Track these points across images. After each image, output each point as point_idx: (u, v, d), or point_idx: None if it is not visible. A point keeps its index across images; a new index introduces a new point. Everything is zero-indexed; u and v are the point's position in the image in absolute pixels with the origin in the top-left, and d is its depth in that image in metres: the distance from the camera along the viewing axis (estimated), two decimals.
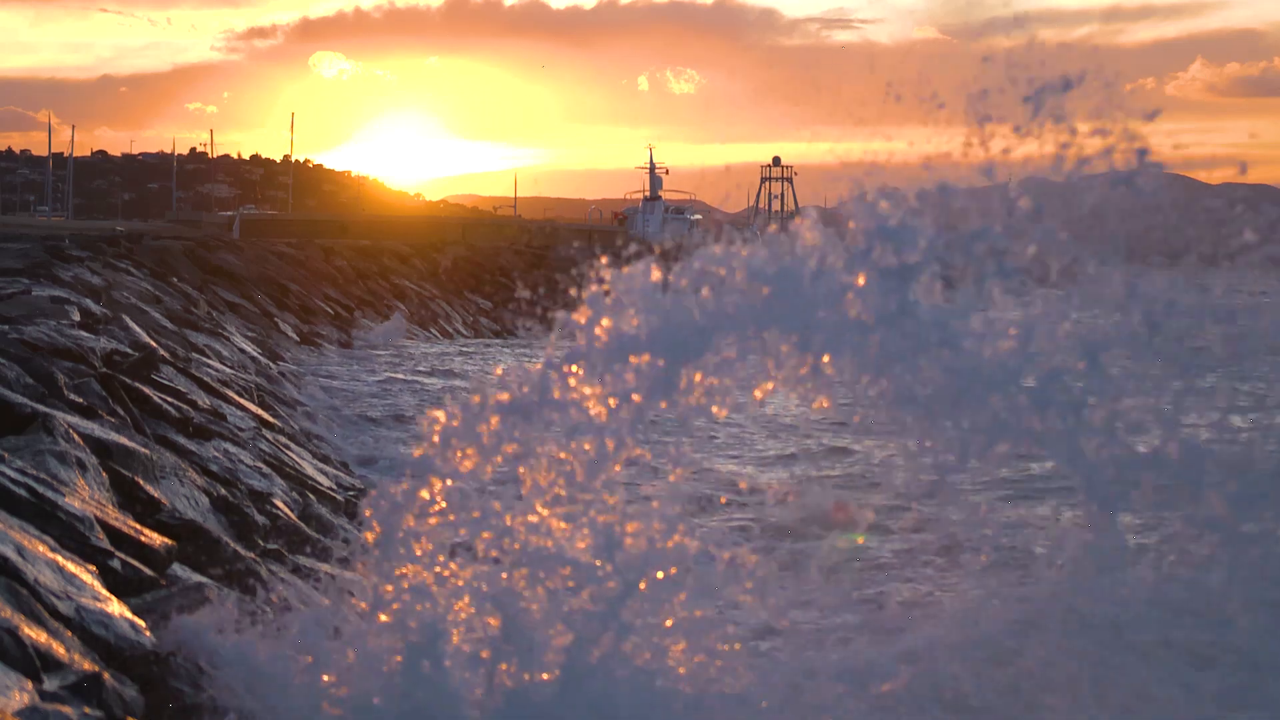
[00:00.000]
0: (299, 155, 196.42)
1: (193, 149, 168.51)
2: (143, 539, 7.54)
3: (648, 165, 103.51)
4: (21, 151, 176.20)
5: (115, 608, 6.23)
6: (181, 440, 11.14)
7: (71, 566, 6.38)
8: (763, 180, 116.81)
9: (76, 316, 15.77)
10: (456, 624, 6.10)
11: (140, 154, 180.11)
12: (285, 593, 7.47)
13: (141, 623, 6.24)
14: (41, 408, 9.03)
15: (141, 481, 8.69)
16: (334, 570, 8.17)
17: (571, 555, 6.07)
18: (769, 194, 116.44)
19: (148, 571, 7.02)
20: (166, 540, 7.70)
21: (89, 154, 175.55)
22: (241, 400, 15.76)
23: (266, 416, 15.78)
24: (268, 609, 6.66)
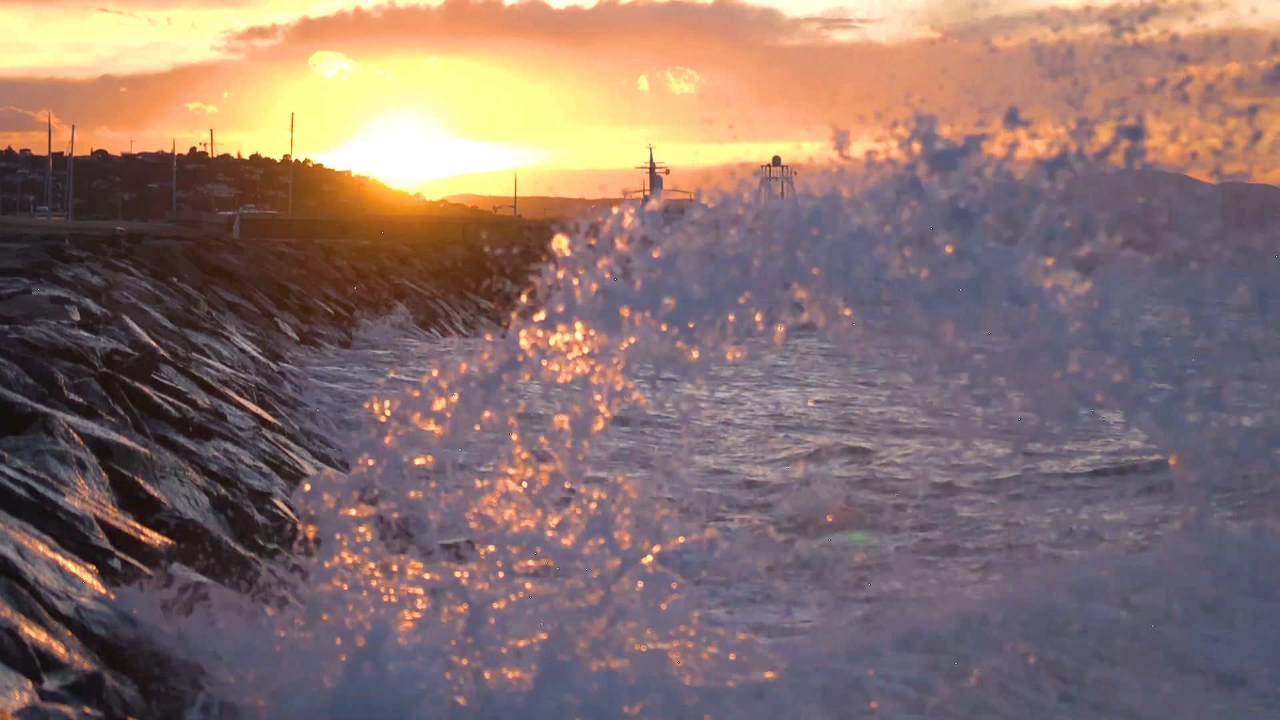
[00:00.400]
0: (299, 155, 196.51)
1: (193, 149, 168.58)
2: (143, 539, 7.54)
3: (648, 165, 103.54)
4: (21, 151, 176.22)
5: (115, 607, 6.22)
6: (181, 440, 11.13)
7: (71, 566, 6.38)
8: (763, 180, 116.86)
9: (76, 316, 15.77)
10: (396, 623, 6.01)
11: (140, 154, 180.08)
12: (285, 592, 7.46)
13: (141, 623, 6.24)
14: (41, 408, 9.02)
15: (141, 481, 8.69)
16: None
17: (573, 550, 6.02)
18: (769, 194, 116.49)
19: (148, 571, 7.01)
20: (166, 540, 7.70)
21: (89, 154, 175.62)
22: (241, 400, 15.75)
23: (266, 416, 15.77)
24: (268, 608, 6.65)
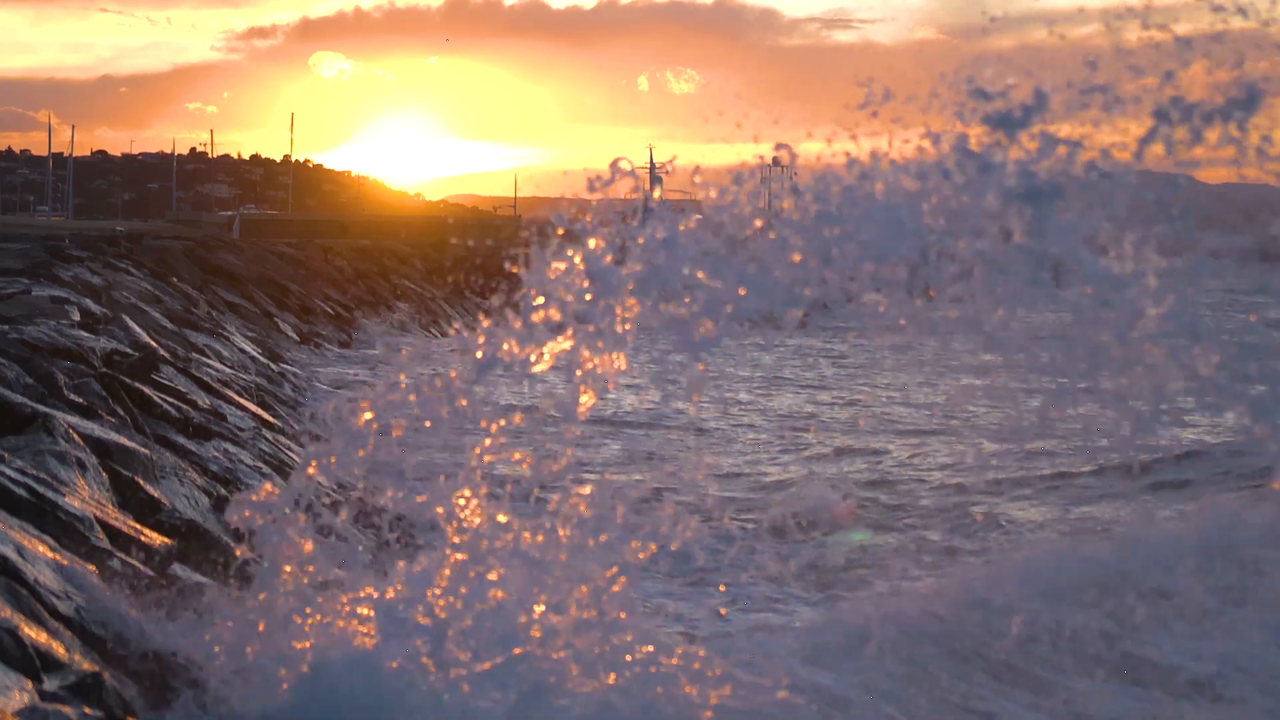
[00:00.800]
0: (299, 155, 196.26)
1: (193, 149, 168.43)
2: (143, 539, 7.54)
3: (648, 165, 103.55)
4: (21, 151, 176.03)
5: (115, 607, 6.22)
6: (181, 440, 11.13)
7: (71, 566, 6.38)
8: (763, 180, 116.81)
9: (76, 316, 15.78)
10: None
11: (140, 154, 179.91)
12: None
13: (142, 622, 6.24)
14: (41, 408, 9.03)
15: (141, 481, 8.69)
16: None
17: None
18: (769, 194, 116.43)
19: (147, 571, 7.02)
20: (166, 540, 7.70)
21: (89, 154, 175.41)
22: (241, 400, 15.76)
23: (266, 416, 15.78)
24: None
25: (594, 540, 5.84)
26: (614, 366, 5.78)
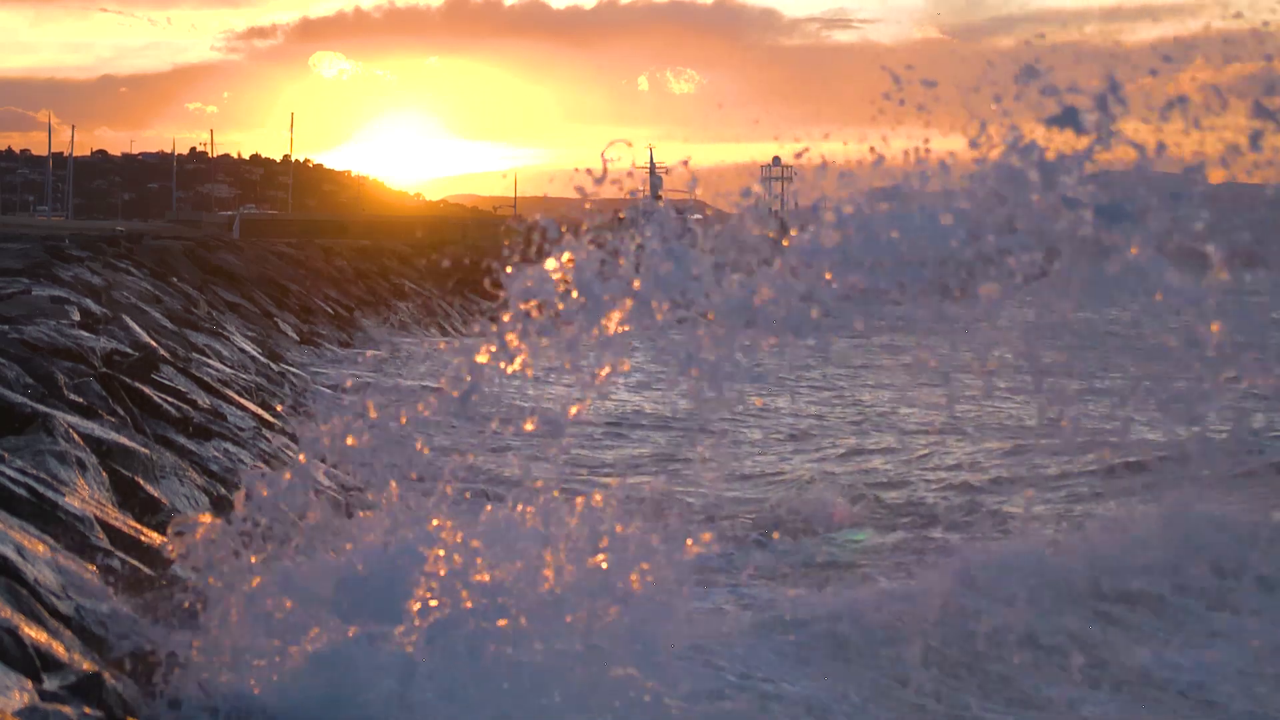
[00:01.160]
0: (299, 155, 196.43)
1: (193, 149, 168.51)
2: (143, 539, 7.54)
3: (648, 165, 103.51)
4: (21, 151, 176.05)
5: (115, 607, 6.22)
6: (181, 440, 11.13)
7: (71, 566, 6.38)
8: (763, 180, 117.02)
9: (76, 316, 15.77)
10: None
11: (140, 154, 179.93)
12: None
13: (142, 622, 6.24)
14: (41, 408, 9.03)
15: (141, 481, 8.69)
16: None
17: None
18: (770, 194, 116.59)
19: (147, 571, 7.02)
20: (166, 540, 7.69)
21: (89, 154, 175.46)
22: (241, 400, 15.75)
23: (266, 416, 15.77)
24: None
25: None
26: (604, 372, 5.78)
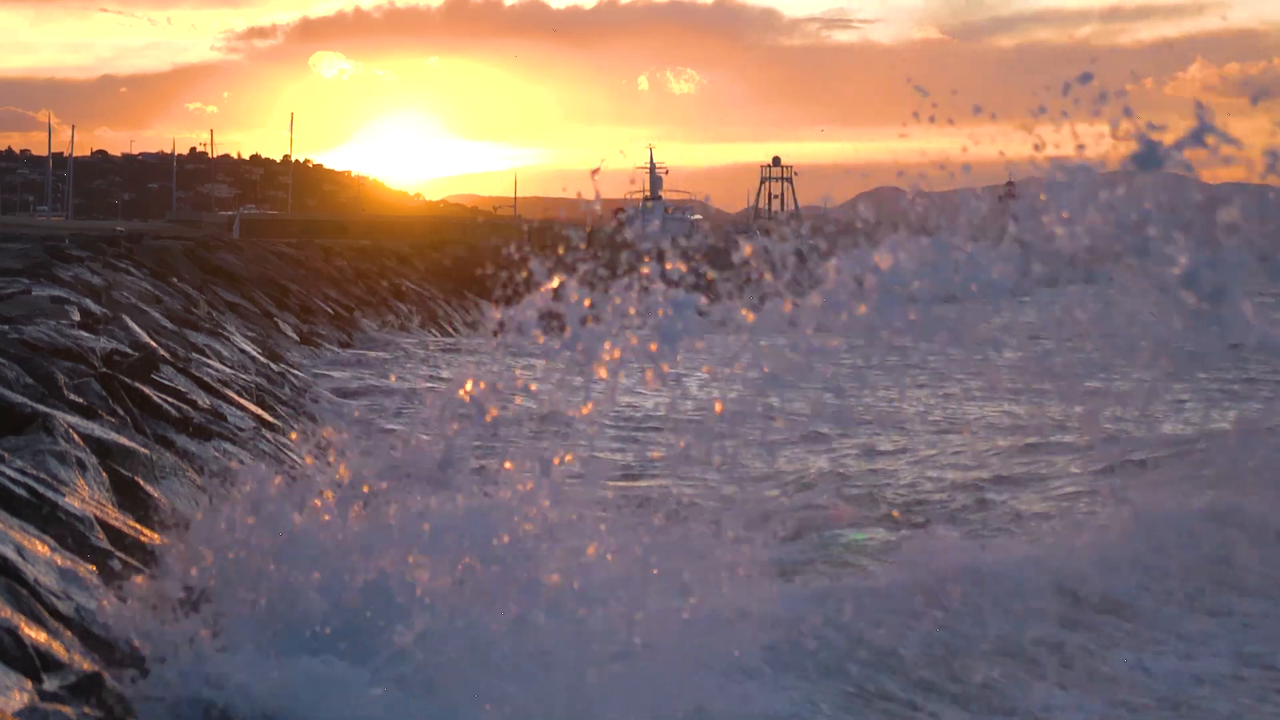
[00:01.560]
0: (299, 155, 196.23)
1: (193, 149, 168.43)
2: (143, 539, 7.54)
3: (648, 165, 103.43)
4: (21, 151, 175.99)
5: (115, 607, 6.22)
6: (181, 440, 11.13)
7: (71, 566, 6.38)
8: (762, 180, 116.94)
9: (76, 316, 15.77)
10: None
11: (140, 154, 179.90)
12: None
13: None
14: (41, 408, 9.03)
15: (141, 481, 8.69)
16: None
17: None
18: (769, 194, 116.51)
19: (148, 571, 7.01)
20: (166, 540, 7.69)
21: (89, 154, 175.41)
22: (241, 400, 15.75)
23: (266, 416, 15.77)
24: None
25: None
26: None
